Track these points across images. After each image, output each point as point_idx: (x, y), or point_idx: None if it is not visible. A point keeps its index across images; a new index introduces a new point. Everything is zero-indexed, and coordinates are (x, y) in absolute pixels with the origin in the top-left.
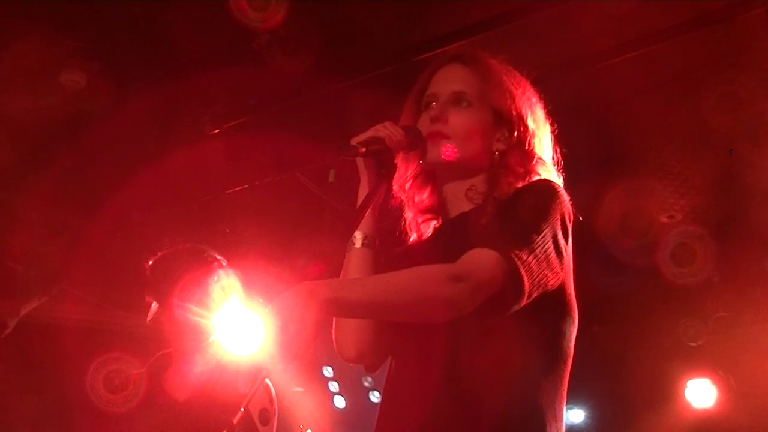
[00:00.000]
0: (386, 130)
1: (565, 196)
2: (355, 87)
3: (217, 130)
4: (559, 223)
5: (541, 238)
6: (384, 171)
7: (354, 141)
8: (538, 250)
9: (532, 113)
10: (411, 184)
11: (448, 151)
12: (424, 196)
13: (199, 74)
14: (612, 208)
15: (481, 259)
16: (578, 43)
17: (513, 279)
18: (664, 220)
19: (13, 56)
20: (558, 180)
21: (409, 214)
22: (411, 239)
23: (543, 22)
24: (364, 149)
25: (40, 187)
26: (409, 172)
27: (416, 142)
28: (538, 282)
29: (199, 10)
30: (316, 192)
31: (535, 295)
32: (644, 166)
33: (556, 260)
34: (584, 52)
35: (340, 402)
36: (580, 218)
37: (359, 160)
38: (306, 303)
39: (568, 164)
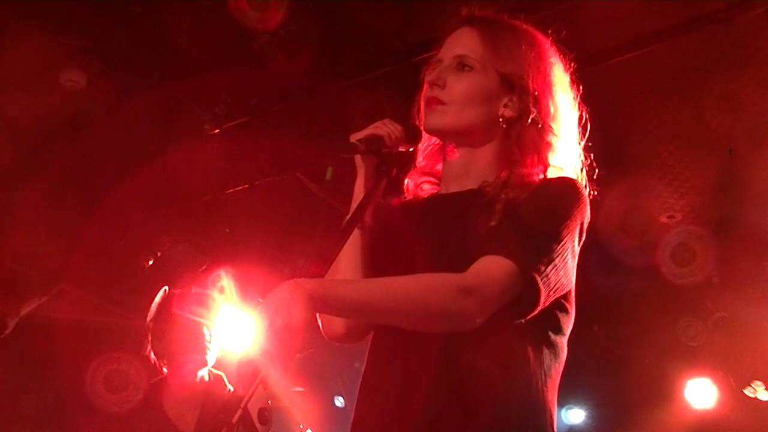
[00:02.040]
0: (385, 128)
1: (587, 197)
2: (355, 87)
3: (217, 130)
4: (577, 228)
5: (561, 246)
6: (383, 168)
7: (353, 138)
8: (557, 260)
9: (542, 74)
10: (429, 151)
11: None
12: (433, 162)
13: (199, 74)
14: (612, 208)
15: (496, 270)
16: (578, 43)
17: (530, 291)
18: (664, 220)
19: (13, 56)
20: (575, 153)
21: (412, 176)
22: (406, 198)
23: (543, 22)
24: (363, 147)
25: (40, 187)
26: (432, 140)
27: (416, 138)
28: (554, 291)
29: (199, 10)
30: (316, 192)
31: (547, 303)
32: (644, 166)
33: (571, 267)
34: (584, 52)
35: (340, 402)
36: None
37: (358, 157)
38: (291, 296)
39: None
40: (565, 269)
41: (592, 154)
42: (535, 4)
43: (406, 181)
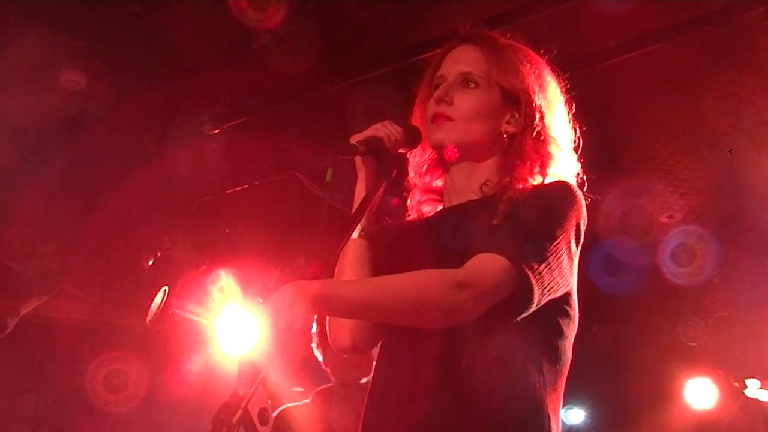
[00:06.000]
0: (385, 129)
1: (583, 200)
2: (355, 87)
3: (217, 130)
4: (573, 229)
5: (555, 245)
6: (383, 170)
7: (353, 140)
8: (550, 258)
9: (543, 91)
10: (426, 167)
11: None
12: (434, 178)
13: (199, 74)
14: (612, 208)
15: (489, 266)
16: (578, 43)
17: (522, 289)
18: (664, 220)
19: (13, 56)
20: (574, 166)
21: (415, 195)
22: (410, 217)
23: (543, 22)
24: (363, 148)
25: (40, 187)
26: (426, 155)
27: (415, 141)
28: (548, 290)
29: (199, 10)
30: (315, 192)
31: (543, 302)
32: (644, 166)
33: (567, 268)
34: (584, 52)
35: None
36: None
37: (357, 159)
38: (294, 298)
39: None
40: (559, 269)
41: (592, 154)
42: (535, 3)
43: (408, 201)
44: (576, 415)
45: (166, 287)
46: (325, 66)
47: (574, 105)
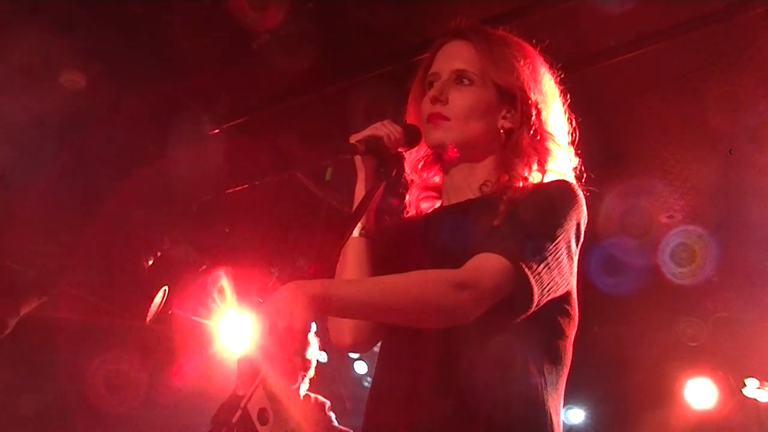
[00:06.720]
0: (385, 129)
1: (583, 199)
2: (355, 87)
3: (217, 130)
4: (573, 229)
5: (554, 245)
6: (383, 169)
7: (353, 139)
8: (550, 258)
9: (538, 85)
10: (423, 164)
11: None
12: (431, 174)
13: (199, 74)
14: (612, 207)
15: (489, 266)
16: (578, 43)
17: (522, 289)
18: (664, 220)
19: (13, 56)
20: (572, 161)
21: (413, 192)
22: (408, 214)
23: (543, 22)
24: (363, 147)
25: (40, 187)
26: (422, 152)
27: (415, 140)
28: (548, 291)
29: (199, 11)
30: (315, 192)
31: (543, 302)
32: (644, 166)
33: (566, 267)
34: (584, 52)
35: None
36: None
37: (357, 159)
38: (293, 298)
39: None
40: (559, 269)
41: (592, 154)
42: (535, 3)
43: (406, 198)
44: (576, 415)
45: (166, 287)
46: (325, 66)
47: (573, 104)
